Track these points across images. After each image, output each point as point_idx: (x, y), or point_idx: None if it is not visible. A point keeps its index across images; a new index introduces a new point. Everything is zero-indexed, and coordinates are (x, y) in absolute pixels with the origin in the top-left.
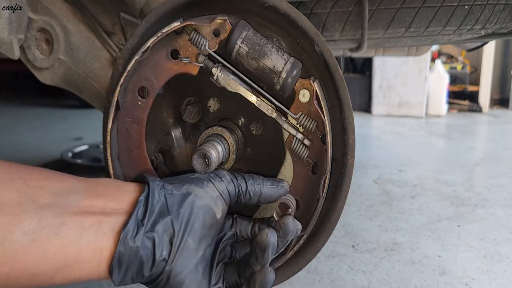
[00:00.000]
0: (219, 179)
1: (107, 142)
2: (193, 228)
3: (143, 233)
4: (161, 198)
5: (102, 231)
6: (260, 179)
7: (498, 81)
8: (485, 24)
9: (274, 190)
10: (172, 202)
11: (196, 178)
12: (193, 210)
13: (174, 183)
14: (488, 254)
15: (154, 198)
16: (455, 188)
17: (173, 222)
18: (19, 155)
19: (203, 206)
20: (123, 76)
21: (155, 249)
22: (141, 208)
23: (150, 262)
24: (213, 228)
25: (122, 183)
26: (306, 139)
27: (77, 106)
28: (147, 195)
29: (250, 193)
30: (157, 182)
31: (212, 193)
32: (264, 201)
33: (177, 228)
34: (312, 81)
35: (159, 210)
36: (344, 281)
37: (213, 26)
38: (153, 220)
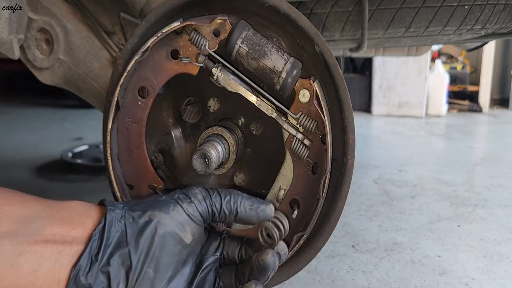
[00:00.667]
0: (188, 200)
1: (107, 142)
2: (154, 258)
3: (97, 268)
4: (119, 228)
5: (60, 262)
6: (239, 197)
7: (498, 81)
8: (485, 24)
9: (253, 213)
10: (131, 232)
11: (162, 202)
12: (154, 239)
13: (137, 210)
14: (488, 254)
15: (112, 228)
16: (455, 188)
17: (131, 253)
18: (19, 155)
19: (166, 233)
20: (123, 76)
21: (110, 284)
22: (95, 242)
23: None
24: (184, 252)
25: (88, 207)
26: (306, 139)
27: (77, 106)
28: (103, 227)
29: (225, 211)
30: (117, 211)
31: (178, 218)
32: (242, 222)
33: (135, 260)
34: (312, 81)
35: (117, 241)
36: (344, 281)
37: (213, 26)
38: (109, 252)
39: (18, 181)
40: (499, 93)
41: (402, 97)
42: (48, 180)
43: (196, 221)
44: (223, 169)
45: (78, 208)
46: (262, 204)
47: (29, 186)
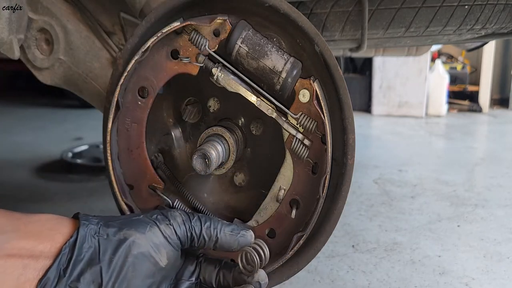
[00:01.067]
0: (167, 222)
1: (107, 142)
2: (126, 279)
3: (66, 283)
4: (93, 244)
5: (25, 277)
6: (219, 223)
7: (498, 81)
8: (485, 24)
9: (233, 238)
10: (105, 249)
11: (139, 221)
12: (127, 259)
13: (112, 226)
14: (488, 254)
15: (84, 244)
16: (455, 188)
17: (102, 271)
18: (19, 155)
19: (140, 254)
20: (123, 76)
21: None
22: (64, 256)
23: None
24: (157, 276)
25: (60, 220)
26: (306, 139)
27: (77, 106)
28: (74, 241)
29: (205, 237)
30: (91, 226)
31: (155, 239)
32: (222, 249)
33: (106, 279)
34: (312, 81)
35: (89, 258)
36: (344, 281)
37: (213, 26)
38: (80, 269)
39: (18, 181)
40: (499, 93)
41: (402, 97)
42: (48, 180)
43: (173, 244)
44: (223, 169)
45: (48, 222)
46: (242, 230)
47: (29, 186)
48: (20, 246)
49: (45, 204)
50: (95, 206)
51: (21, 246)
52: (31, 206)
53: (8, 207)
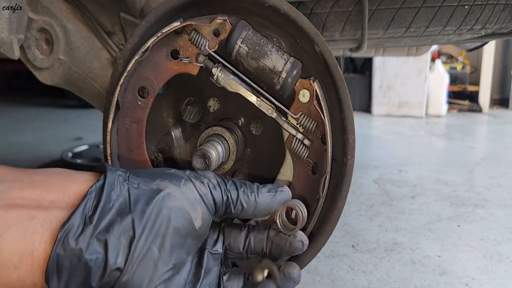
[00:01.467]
0: (202, 180)
1: (107, 142)
2: (160, 234)
3: (91, 232)
4: (123, 192)
5: (32, 229)
6: (254, 186)
7: (498, 81)
8: (485, 24)
9: (272, 198)
10: (136, 198)
11: (172, 174)
12: (162, 211)
13: (143, 176)
14: (488, 254)
15: (113, 191)
16: (455, 188)
17: (135, 222)
18: (19, 155)
19: (176, 208)
20: (123, 76)
21: (107, 254)
22: (90, 201)
23: (100, 270)
24: (190, 239)
25: (73, 172)
26: (306, 139)
27: (77, 106)
28: (102, 185)
29: (243, 203)
30: (119, 172)
31: (190, 195)
32: (260, 214)
33: (138, 231)
34: (312, 81)
35: (118, 207)
36: (344, 281)
37: (213, 26)
38: (109, 219)
39: None
40: (499, 93)
41: (402, 97)
42: None
43: (208, 205)
44: (223, 169)
45: (58, 172)
46: (278, 187)
47: None
48: (24, 196)
49: None
50: None
51: (25, 195)
52: None
53: None
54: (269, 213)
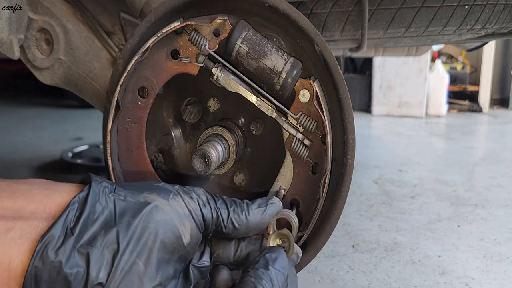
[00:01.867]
0: (191, 195)
1: (107, 142)
2: (146, 248)
3: (72, 245)
4: (108, 204)
5: (10, 240)
6: (244, 204)
7: (498, 81)
8: (485, 24)
9: (261, 213)
10: (122, 211)
11: (161, 187)
12: (149, 225)
13: (130, 189)
14: (488, 254)
15: (98, 203)
16: (455, 188)
17: (119, 236)
18: (19, 155)
19: (164, 221)
20: (123, 76)
21: (89, 268)
22: (73, 212)
23: (81, 285)
24: (177, 255)
25: (55, 183)
26: (306, 139)
27: (77, 106)
28: (86, 196)
29: (234, 223)
30: (105, 184)
31: (179, 209)
32: (252, 231)
33: (123, 245)
34: (312, 81)
35: (103, 220)
36: (344, 281)
37: (213, 26)
38: (92, 231)
39: None
40: (499, 93)
41: (402, 97)
42: None
43: (197, 221)
44: (223, 169)
45: (41, 182)
46: (268, 200)
47: None
48: (3, 206)
49: None
50: None
51: (5, 206)
52: None
53: None
54: (261, 229)
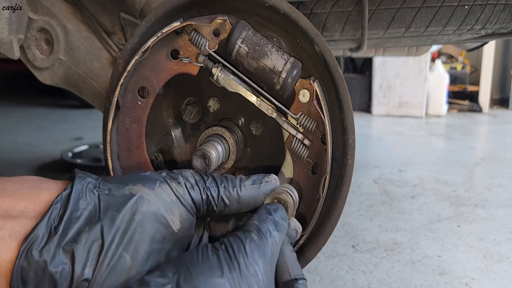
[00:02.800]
0: (178, 180)
1: (107, 142)
2: (133, 241)
3: (57, 243)
4: (92, 199)
5: (0, 239)
6: (237, 180)
7: (498, 81)
8: (485, 24)
9: (256, 190)
10: (106, 206)
11: (146, 177)
12: (134, 217)
13: (114, 181)
14: (488, 254)
15: (81, 199)
16: (455, 188)
17: (104, 230)
18: (19, 155)
19: (149, 212)
20: (123, 76)
21: (74, 265)
22: (56, 211)
23: (67, 282)
24: (167, 243)
25: (46, 179)
26: (306, 139)
27: (77, 106)
28: (69, 194)
29: (224, 199)
30: (89, 180)
31: (165, 197)
32: (245, 208)
33: (108, 239)
34: (312, 81)
35: (87, 215)
36: (344, 281)
37: (213, 26)
38: (76, 228)
39: None
40: (499, 93)
41: (402, 97)
42: None
43: (186, 205)
44: (223, 169)
45: (33, 181)
46: (264, 177)
47: None
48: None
49: None
50: None
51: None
52: None
53: None
54: (255, 206)
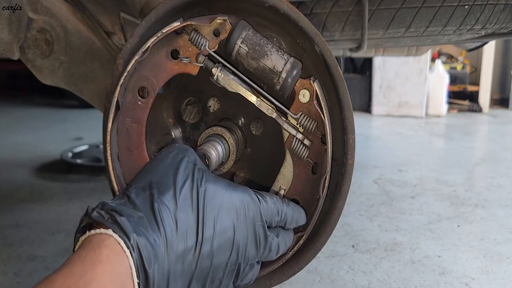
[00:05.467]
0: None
1: (107, 142)
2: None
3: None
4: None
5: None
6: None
7: (498, 81)
8: (485, 24)
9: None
10: None
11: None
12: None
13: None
14: (488, 254)
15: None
16: (455, 188)
17: None
18: (19, 155)
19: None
20: (123, 76)
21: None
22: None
23: None
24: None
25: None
26: (306, 139)
27: (77, 106)
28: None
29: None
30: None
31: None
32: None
33: None
34: (312, 81)
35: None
36: (344, 281)
37: (213, 26)
38: None
39: (18, 181)
40: (499, 93)
41: (402, 97)
42: (48, 180)
43: None
44: (223, 169)
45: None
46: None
47: (29, 186)
48: None
49: (45, 204)
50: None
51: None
52: (31, 206)
53: (8, 207)
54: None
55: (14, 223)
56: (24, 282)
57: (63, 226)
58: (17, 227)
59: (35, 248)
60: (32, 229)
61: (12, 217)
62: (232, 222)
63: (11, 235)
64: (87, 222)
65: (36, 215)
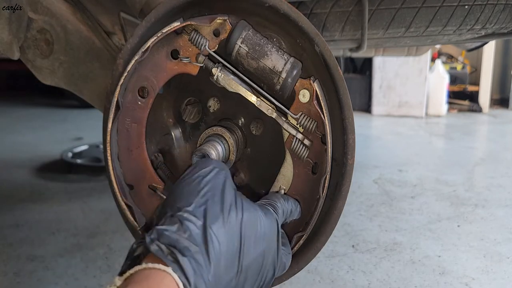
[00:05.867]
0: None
1: (107, 142)
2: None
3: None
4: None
5: None
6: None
7: (498, 81)
8: (485, 24)
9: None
10: None
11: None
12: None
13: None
14: (488, 254)
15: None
16: (455, 188)
17: None
18: (19, 155)
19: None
20: (123, 76)
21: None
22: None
23: None
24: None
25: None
26: (306, 139)
27: (77, 106)
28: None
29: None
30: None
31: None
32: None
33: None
34: (312, 81)
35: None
36: (344, 281)
37: (213, 26)
38: None
39: (18, 181)
40: (499, 93)
41: (402, 97)
42: (48, 180)
43: None
44: None
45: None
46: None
47: (29, 186)
48: None
49: (45, 204)
50: (95, 206)
51: None
52: (31, 206)
53: (8, 207)
54: None
55: (14, 223)
56: (24, 282)
57: (63, 226)
58: (17, 227)
59: (35, 248)
60: (32, 229)
61: (12, 217)
62: (263, 249)
63: (11, 235)
64: (141, 252)
65: (36, 215)
